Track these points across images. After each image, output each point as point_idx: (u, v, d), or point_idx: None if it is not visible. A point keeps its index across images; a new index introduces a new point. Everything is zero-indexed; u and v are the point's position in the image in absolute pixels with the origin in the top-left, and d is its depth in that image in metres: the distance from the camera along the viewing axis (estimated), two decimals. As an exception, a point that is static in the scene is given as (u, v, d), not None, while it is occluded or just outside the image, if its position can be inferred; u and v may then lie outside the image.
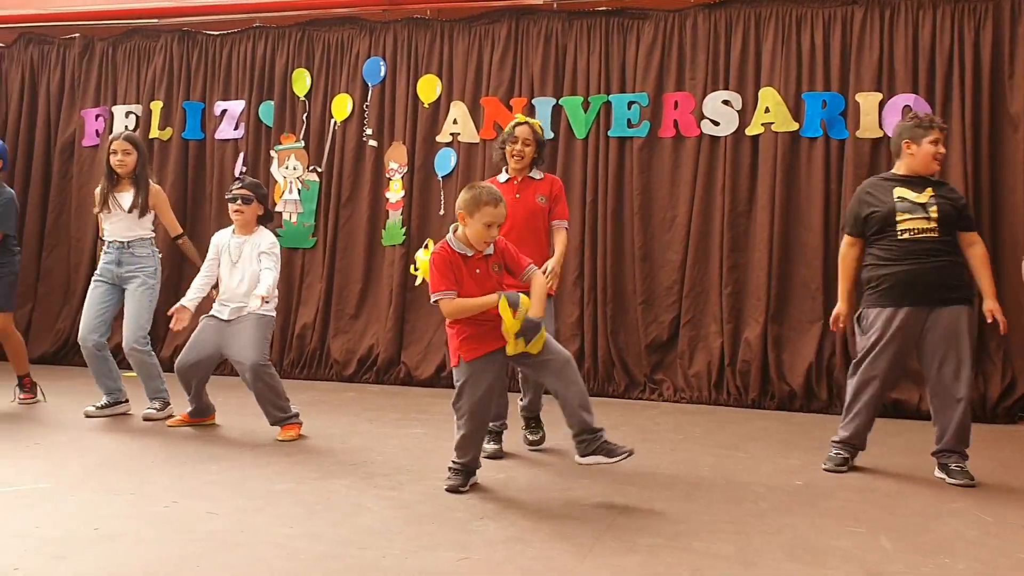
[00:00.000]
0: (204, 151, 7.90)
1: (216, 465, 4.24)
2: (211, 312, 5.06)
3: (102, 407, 5.42)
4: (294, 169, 7.66)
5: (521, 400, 4.76)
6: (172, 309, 5.03)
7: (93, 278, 5.50)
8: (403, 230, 7.32)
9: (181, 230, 5.65)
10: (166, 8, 7.91)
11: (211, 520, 3.35)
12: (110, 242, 5.42)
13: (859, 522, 3.54)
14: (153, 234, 5.51)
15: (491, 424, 4.35)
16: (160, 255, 5.56)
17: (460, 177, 7.21)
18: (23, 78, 8.28)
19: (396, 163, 7.40)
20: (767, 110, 6.55)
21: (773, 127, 6.54)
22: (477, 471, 3.97)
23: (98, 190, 5.51)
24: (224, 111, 7.81)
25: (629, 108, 6.86)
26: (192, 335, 5.08)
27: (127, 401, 5.51)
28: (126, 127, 7.96)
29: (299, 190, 7.64)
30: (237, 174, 7.65)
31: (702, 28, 6.77)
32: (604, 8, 6.97)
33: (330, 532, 3.23)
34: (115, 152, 5.38)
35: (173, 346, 7.45)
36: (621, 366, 6.73)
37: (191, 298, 5.09)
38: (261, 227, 5.15)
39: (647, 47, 6.87)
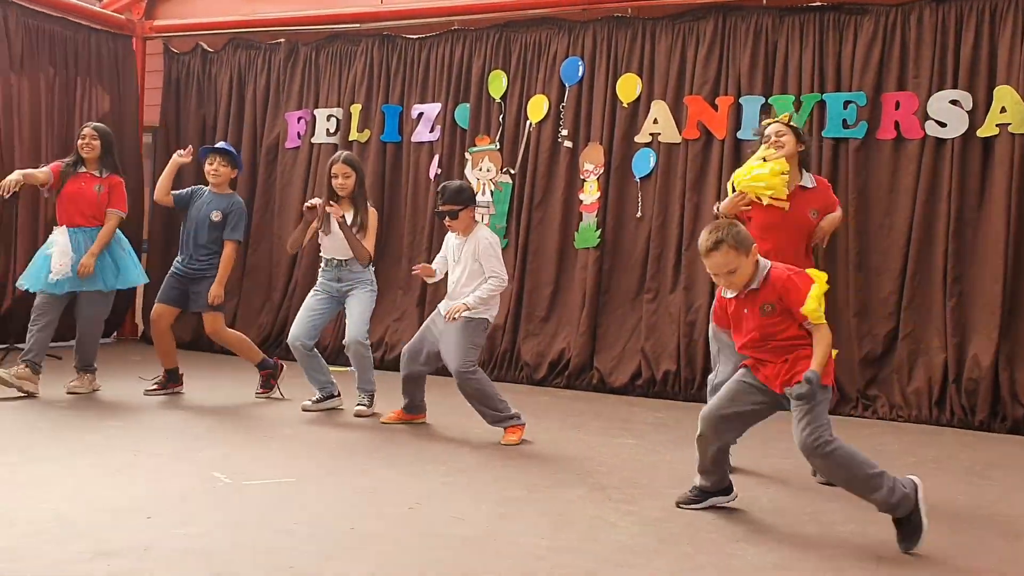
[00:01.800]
0: (401, 153, 8.01)
1: (443, 466, 4.22)
2: (439, 306, 5.10)
3: (317, 401, 5.55)
4: (488, 171, 7.66)
5: None
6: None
7: (314, 289, 5.62)
8: (597, 233, 7.19)
9: (372, 258, 5.56)
10: (367, 13, 8.07)
11: (459, 525, 3.30)
12: (328, 260, 5.51)
13: None
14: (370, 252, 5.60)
15: None
16: (374, 269, 5.66)
17: (659, 178, 7.04)
18: (231, 82, 8.64)
19: (592, 164, 7.28)
20: (1003, 110, 6.04)
21: (1010, 128, 6.02)
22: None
23: (318, 202, 5.63)
24: (420, 114, 7.90)
25: (845, 108, 6.49)
26: (421, 327, 5.16)
27: (339, 395, 5.62)
28: (327, 130, 8.19)
29: (492, 192, 7.64)
30: (431, 176, 7.72)
31: (928, 23, 6.32)
32: (819, 4, 6.63)
33: (586, 547, 3.12)
34: (336, 175, 5.48)
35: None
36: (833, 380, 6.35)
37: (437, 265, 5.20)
38: (479, 225, 5.12)
39: (866, 44, 6.48)
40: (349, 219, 5.44)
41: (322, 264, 5.61)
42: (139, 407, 5.43)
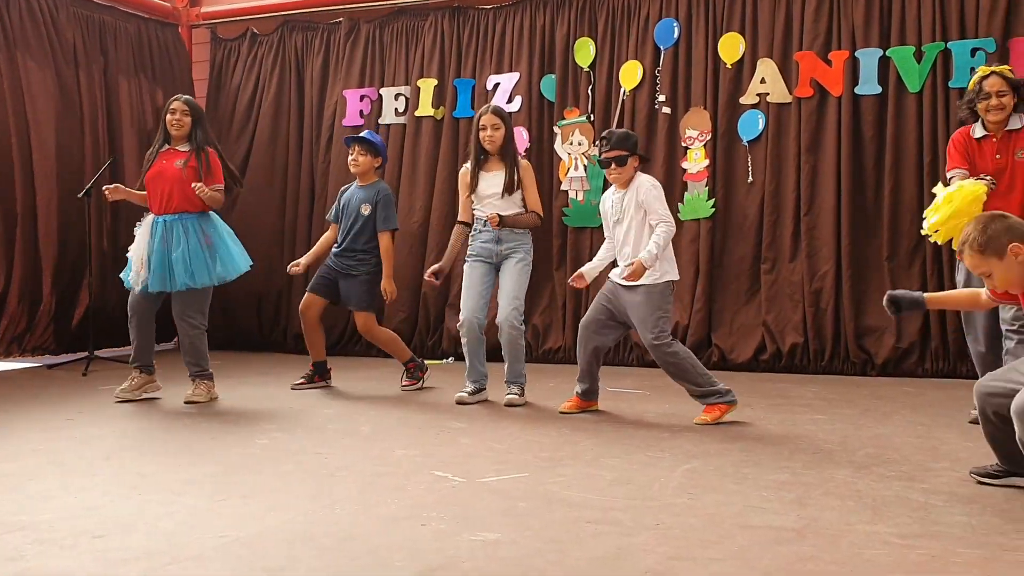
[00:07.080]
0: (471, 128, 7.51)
1: (666, 453, 3.80)
2: (611, 275, 4.70)
3: (472, 393, 5.12)
4: (579, 144, 7.24)
5: None
6: (572, 278, 4.73)
7: (468, 259, 5.18)
8: (711, 203, 6.79)
9: (541, 211, 5.21)
10: (436, -16, 7.62)
11: (765, 515, 2.89)
12: (486, 221, 5.06)
13: None
14: (524, 209, 5.15)
15: None
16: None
17: (769, 141, 6.68)
18: (285, 65, 8.08)
19: (696, 130, 6.89)
20: None
21: None
22: None
23: (464, 171, 5.21)
24: (497, 84, 7.46)
25: (972, 55, 6.16)
26: (595, 300, 4.76)
27: (485, 388, 5.20)
28: (396, 110, 7.74)
29: (585, 166, 7.22)
30: (522, 152, 7.22)
31: (1064, -42, 6.02)
32: (937, -56, 6.29)
33: (941, 532, 2.73)
34: (484, 127, 5.04)
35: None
36: None
37: (591, 267, 4.74)
38: (638, 175, 4.66)
39: (993, -15, 6.16)
40: (501, 178, 5.01)
41: (476, 227, 5.14)
42: (282, 411, 4.94)
